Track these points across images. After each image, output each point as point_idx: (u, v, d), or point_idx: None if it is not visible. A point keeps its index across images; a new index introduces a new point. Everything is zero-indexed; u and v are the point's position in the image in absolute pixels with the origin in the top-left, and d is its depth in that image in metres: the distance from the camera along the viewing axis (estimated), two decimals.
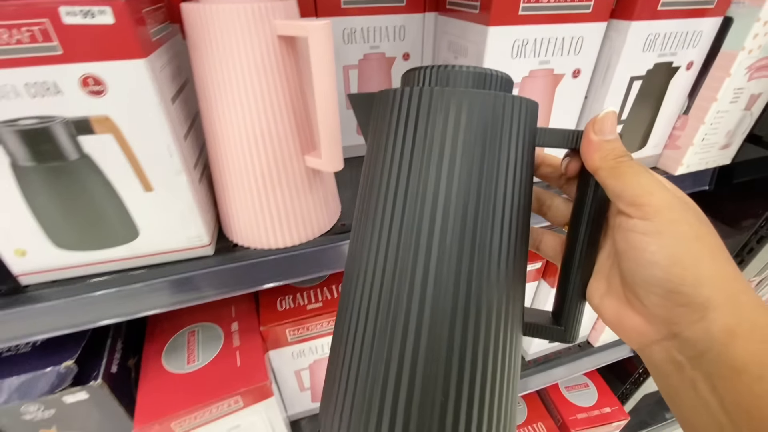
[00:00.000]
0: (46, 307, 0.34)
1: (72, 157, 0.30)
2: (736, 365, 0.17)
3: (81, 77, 0.27)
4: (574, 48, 0.42)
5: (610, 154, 0.20)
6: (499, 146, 0.21)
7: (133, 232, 0.35)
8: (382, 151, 0.22)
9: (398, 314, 0.20)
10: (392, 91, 0.22)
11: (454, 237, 0.20)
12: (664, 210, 0.18)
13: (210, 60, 0.31)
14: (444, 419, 0.19)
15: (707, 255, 0.18)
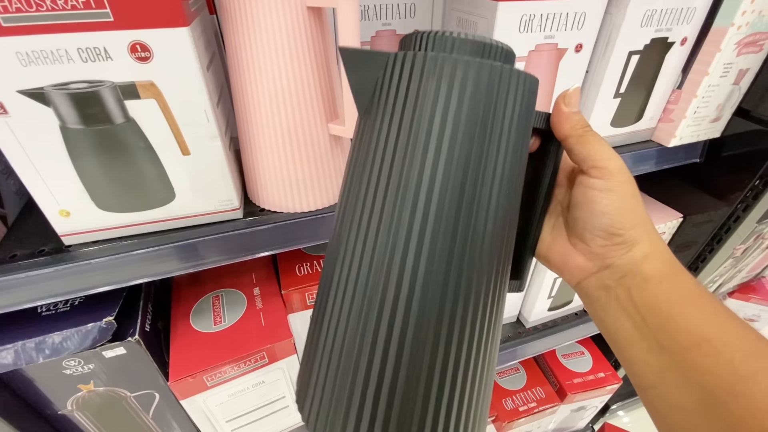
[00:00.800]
0: (89, 265, 0.37)
1: (118, 121, 0.32)
2: (646, 276, 0.24)
3: (129, 44, 0.29)
4: (578, 23, 0.44)
5: (577, 124, 0.24)
6: (493, 122, 0.20)
7: (170, 194, 0.37)
8: (372, 118, 0.21)
9: (378, 296, 0.19)
10: (385, 55, 0.21)
11: (440, 218, 0.19)
12: (617, 173, 0.24)
13: (243, 28, 0.33)
14: (424, 417, 0.19)
15: (638, 207, 0.24)
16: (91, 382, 0.43)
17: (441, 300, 0.19)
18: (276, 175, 0.39)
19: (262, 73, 0.34)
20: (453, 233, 0.19)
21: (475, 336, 0.20)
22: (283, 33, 0.33)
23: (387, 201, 0.20)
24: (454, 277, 0.19)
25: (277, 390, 0.52)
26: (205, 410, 0.47)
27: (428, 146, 0.19)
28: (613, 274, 0.25)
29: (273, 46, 0.33)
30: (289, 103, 0.36)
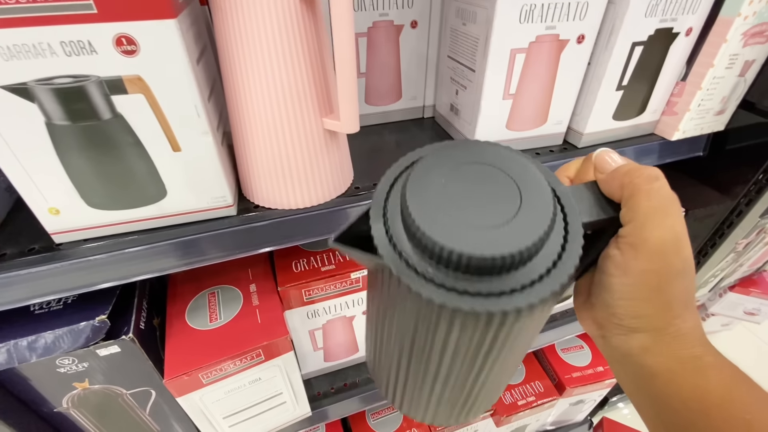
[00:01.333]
0: (79, 263, 0.36)
1: (105, 117, 0.31)
2: (652, 371, 0.21)
3: (115, 36, 0.28)
4: (579, 13, 0.43)
5: (644, 175, 0.21)
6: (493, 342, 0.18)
7: (161, 191, 0.36)
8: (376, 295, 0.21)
9: None
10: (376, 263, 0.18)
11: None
12: (644, 260, 0.20)
13: (233, 20, 0.32)
14: None
15: (656, 301, 0.20)
16: (86, 380, 0.43)
17: None
18: (269, 170, 0.39)
19: (253, 67, 0.33)
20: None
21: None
22: (274, 25, 0.32)
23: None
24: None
25: (275, 386, 0.52)
26: (202, 407, 0.47)
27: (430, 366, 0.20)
28: (609, 347, 0.23)
29: (264, 39, 0.32)
30: (282, 98, 0.35)
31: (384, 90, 0.57)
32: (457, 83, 0.52)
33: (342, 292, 0.54)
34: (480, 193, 0.18)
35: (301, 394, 0.56)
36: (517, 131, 0.50)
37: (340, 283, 0.52)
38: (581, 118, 0.52)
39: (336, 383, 0.65)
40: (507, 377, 0.26)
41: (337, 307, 0.56)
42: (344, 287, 0.53)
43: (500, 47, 0.43)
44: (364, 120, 0.59)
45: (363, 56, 0.53)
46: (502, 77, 0.45)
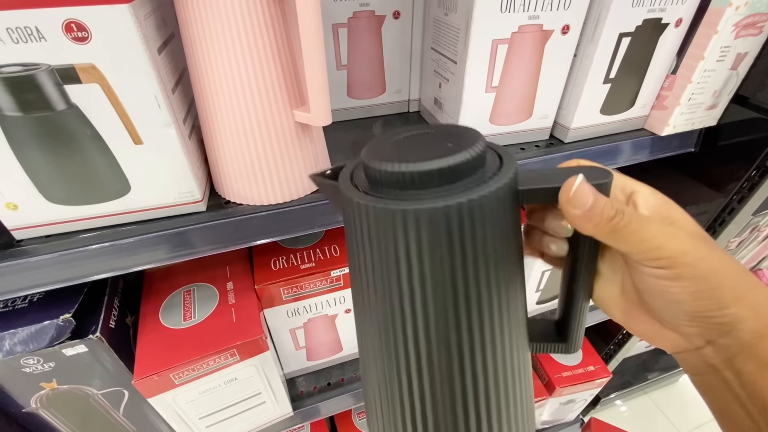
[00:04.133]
0: (40, 261, 0.35)
1: (59, 107, 0.30)
2: (764, 360, 0.19)
3: (64, 22, 0.27)
4: (564, 2, 0.41)
5: (601, 221, 0.20)
6: (463, 249, 0.19)
7: (124, 186, 0.35)
8: (354, 261, 0.22)
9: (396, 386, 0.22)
10: (349, 199, 0.20)
11: (431, 348, 0.20)
12: (679, 257, 0.19)
13: (196, 10, 0.30)
14: None
15: (728, 281, 0.19)
16: (54, 380, 0.42)
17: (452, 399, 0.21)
18: (239, 166, 0.37)
19: (218, 58, 0.32)
20: (448, 349, 0.20)
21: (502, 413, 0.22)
22: (238, 14, 0.30)
23: (381, 326, 0.21)
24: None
25: (252, 386, 0.50)
26: (176, 408, 0.46)
27: (402, 288, 0.20)
28: (719, 353, 0.20)
29: (228, 28, 0.31)
30: (248, 90, 0.33)
31: (367, 83, 0.55)
32: (440, 76, 0.50)
33: (323, 291, 0.53)
34: (422, 144, 0.21)
35: (281, 394, 0.55)
36: (501, 125, 0.49)
37: (320, 281, 0.51)
38: (567, 112, 0.50)
39: (320, 382, 0.64)
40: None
41: (318, 306, 0.54)
42: (324, 285, 0.52)
43: (481, 38, 0.41)
44: (347, 114, 0.57)
45: (344, 47, 0.52)
46: (484, 69, 0.44)
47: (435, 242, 0.19)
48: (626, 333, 0.84)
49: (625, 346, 0.85)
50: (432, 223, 0.18)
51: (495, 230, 0.20)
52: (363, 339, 0.24)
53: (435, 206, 0.18)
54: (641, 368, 1.14)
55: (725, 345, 0.20)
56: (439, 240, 0.19)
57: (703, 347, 0.21)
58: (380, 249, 0.20)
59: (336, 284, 0.53)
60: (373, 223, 0.19)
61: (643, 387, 1.12)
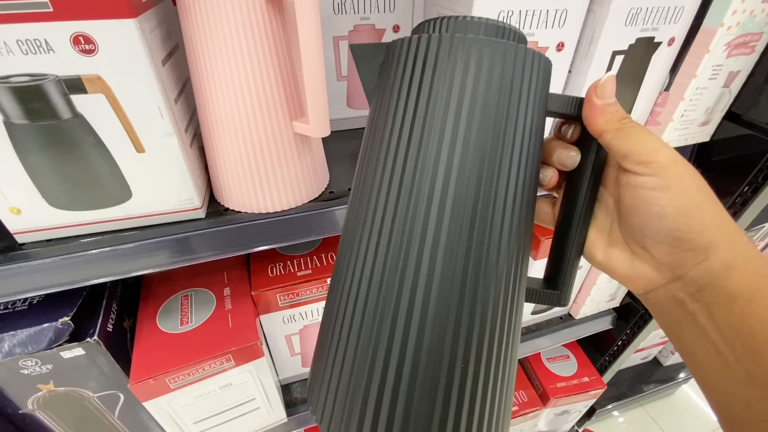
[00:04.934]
0: (42, 264, 0.35)
1: (65, 116, 0.31)
2: (732, 292, 0.19)
3: (72, 35, 0.28)
4: (558, 20, 0.43)
5: (613, 117, 0.21)
6: (509, 101, 0.19)
7: (126, 192, 0.36)
8: (386, 105, 0.21)
9: (394, 294, 0.18)
10: (400, 40, 0.20)
11: (457, 207, 0.18)
12: (671, 165, 0.20)
13: (198, 22, 0.31)
14: (444, 424, 0.18)
15: (708, 203, 0.20)
16: (51, 382, 0.42)
17: (459, 297, 0.18)
18: (238, 174, 0.38)
19: (219, 69, 0.33)
20: (471, 222, 0.19)
21: (495, 335, 0.19)
22: (239, 26, 0.31)
23: (402, 191, 0.19)
24: (472, 271, 0.19)
25: (247, 392, 0.51)
26: (170, 412, 0.46)
27: (445, 128, 0.19)
28: (687, 287, 0.21)
29: (230, 41, 0.32)
30: (248, 101, 0.34)
31: None
32: None
33: (319, 298, 0.53)
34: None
35: (276, 400, 0.55)
36: None
37: (316, 288, 0.52)
38: None
39: None
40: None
41: (315, 313, 0.55)
42: (321, 292, 0.53)
43: None
44: (346, 124, 0.58)
45: (345, 59, 0.53)
46: None
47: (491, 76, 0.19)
48: (621, 344, 0.85)
49: (620, 358, 0.85)
50: (487, 54, 0.18)
51: (533, 98, 0.20)
52: (357, 225, 0.21)
53: (497, 41, 0.19)
54: (637, 380, 1.14)
55: (694, 278, 0.20)
56: (493, 75, 0.19)
57: (672, 282, 0.21)
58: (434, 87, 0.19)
59: None
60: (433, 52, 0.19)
61: (638, 399, 1.12)
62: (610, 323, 0.81)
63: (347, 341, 0.20)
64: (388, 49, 0.21)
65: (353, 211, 0.22)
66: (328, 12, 0.48)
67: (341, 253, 0.22)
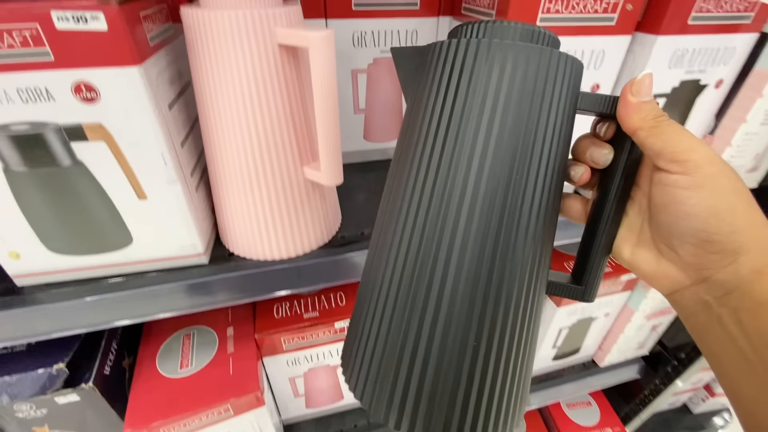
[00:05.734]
0: (41, 309, 0.34)
1: (65, 164, 0.29)
2: (760, 299, 0.19)
3: (73, 84, 0.26)
4: (594, 62, 0.39)
5: (648, 114, 0.21)
6: (542, 102, 0.20)
7: (126, 238, 0.34)
8: (422, 104, 0.22)
9: (424, 275, 0.20)
10: (439, 43, 0.21)
11: (487, 197, 0.20)
12: (705, 165, 0.19)
13: (208, 66, 0.30)
14: (466, 406, 0.20)
15: (742, 205, 0.19)
16: (46, 425, 0.41)
17: (486, 281, 0.20)
18: (244, 219, 0.36)
19: (228, 116, 0.31)
20: (501, 211, 0.20)
21: (519, 317, 0.21)
22: (251, 73, 0.29)
23: (438, 182, 0.20)
24: (500, 257, 0.20)
25: None
26: None
27: (480, 127, 0.20)
28: (713, 290, 0.20)
29: (240, 87, 0.30)
30: (258, 149, 0.32)
31: (383, 127, 0.54)
32: None
33: (326, 342, 0.50)
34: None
35: None
36: None
37: (323, 332, 0.49)
38: None
39: (318, 431, 0.61)
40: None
41: (321, 356, 0.52)
42: (328, 337, 0.50)
43: None
44: (363, 156, 0.56)
45: (363, 92, 0.51)
46: None
47: (524, 79, 0.20)
48: (649, 393, 0.79)
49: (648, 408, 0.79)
50: (521, 58, 0.20)
51: (563, 99, 0.21)
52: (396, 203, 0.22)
53: (528, 45, 0.20)
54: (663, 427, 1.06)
55: (721, 282, 0.20)
56: (524, 77, 0.20)
57: (698, 284, 0.21)
58: (470, 87, 0.20)
59: (340, 335, 0.50)
60: (471, 56, 0.20)
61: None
62: (637, 372, 0.75)
63: (381, 319, 0.22)
64: (426, 52, 0.22)
65: (388, 200, 0.23)
66: (347, 45, 0.46)
67: (377, 235, 0.24)
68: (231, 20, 0.28)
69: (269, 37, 0.29)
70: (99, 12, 0.24)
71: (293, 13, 0.30)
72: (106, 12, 0.24)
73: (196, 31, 0.29)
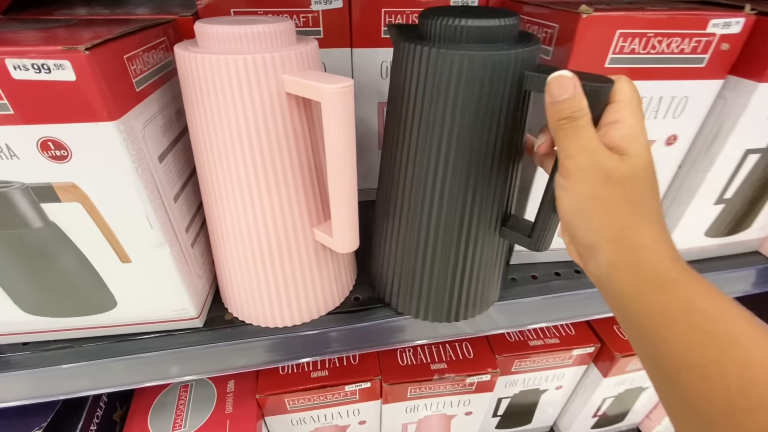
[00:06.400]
0: (15, 376, 0.30)
1: (35, 225, 0.25)
2: (619, 291, 0.21)
3: (39, 140, 0.22)
4: (674, 110, 0.32)
5: (555, 116, 0.22)
6: (491, 92, 0.24)
7: (109, 302, 0.30)
8: (400, 97, 0.27)
9: (416, 211, 0.29)
10: (409, 46, 0.25)
11: (456, 171, 0.27)
12: (574, 172, 0.22)
13: (205, 116, 0.25)
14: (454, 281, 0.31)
15: (599, 210, 0.21)
16: None
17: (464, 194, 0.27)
18: (244, 283, 0.31)
19: (228, 168, 0.26)
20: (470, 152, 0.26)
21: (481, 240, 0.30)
22: (252, 123, 0.24)
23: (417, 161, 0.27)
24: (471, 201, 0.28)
25: None
26: None
27: (446, 111, 0.25)
28: (592, 276, 0.23)
29: (241, 139, 0.25)
30: (260, 204, 0.27)
31: None
32: None
33: (335, 404, 0.45)
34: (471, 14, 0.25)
35: None
36: None
37: (331, 395, 0.44)
38: None
39: None
40: None
41: (329, 417, 0.47)
42: (336, 399, 0.44)
43: None
44: None
45: None
46: None
47: (470, 82, 0.24)
48: None
49: None
50: (471, 64, 0.23)
51: (508, 87, 0.24)
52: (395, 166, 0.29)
53: (477, 54, 0.23)
54: None
55: (592, 271, 0.23)
56: (473, 80, 0.24)
57: (585, 269, 0.24)
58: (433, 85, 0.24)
59: (350, 398, 0.45)
60: (433, 62, 0.24)
61: None
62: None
63: (397, 243, 0.31)
64: (404, 49, 0.25)
65: (389, 160, 0.30)
66: (374, 76, 0.41)
67: (384, 182, 0.31)
68: (230, 66, 0.23)
69: (275, 85, 0.24)
70: (65, 60, 0.20)
71: (306, 54, 0.25)
72: (73, 60, 0.20)
73: (192, 76, 0.24)
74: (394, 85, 0.28)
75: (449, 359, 0.46)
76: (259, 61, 0.23)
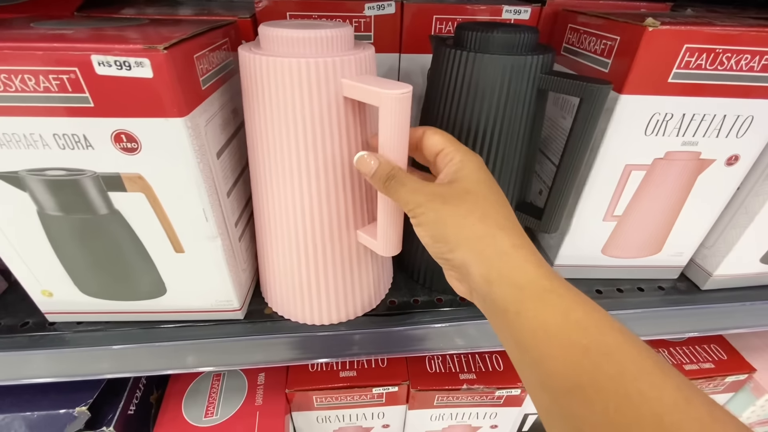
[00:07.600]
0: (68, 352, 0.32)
1: (101, 212, 0.27)
2: (501, 305, 0.20)
3: (113, 133, 0.23)
4: (737, 129, 0.31)
5: (378, 185, 0.25)
6: (513, 89, 0.28)
7: (160, 288, 0.31)
8: (438, 95, 0.31)
9: None
10: (447, 51, 0.29)
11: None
12: (415, 208, 0.23)
13: (264, 116, 0.26)
14: None
15: (451, 227, 0.22)
16: None
17: None
18: (286, 279, 0.32)
19: (282, 168, 0.27)
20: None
21: None
22: (309, 124, 0.25)
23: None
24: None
25: None
26: None
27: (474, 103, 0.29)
28: (476, 301, 0.23)
29: (297, 139, 0.25)
30: (310, 204, 0.28)
31: None
32: (542, 182, 0.41)
33: (360, 405, 0.45)
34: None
35: None
36: (617, 257, 0.38)
37: (358, 395, 0.44)
38: (713, 254, 0.38)
39: None
40: None
41: (353, 417, 0.47)
42: (363, 400, 0.45)
43: (611, 161, 0.32)
44: None
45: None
46: (607, 195, 0.34)
47: (495, 80, 0.28)
48: None
49: None
50: (499, 67, 0.27)
51: (529, 89, 0.29)
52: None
53: (501, 58, 0.28)
54: None
55: (474, 290, 0.22)
56: (497, 79, 0.28)
57: (469, 295, 0.24)
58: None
59: (377, 401, 0.45)
60: (466, 64, 0.28)
61: None
62: None
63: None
64: (440, 52, 0.30)
65: None
66: (422, 84, 0.41)
67: None
68: (293, 69, 0.23)
69: (334, 88, 0.24)
70: (144, 58, 0.21)
71: (364, 59, 0.25)
72: (152, 58, 0.21)
73: (253, 77, 0.25)
74: (433, 85, 0.31)
75: (479, 370, 0.46)
76: (321, 64, 0.23)
